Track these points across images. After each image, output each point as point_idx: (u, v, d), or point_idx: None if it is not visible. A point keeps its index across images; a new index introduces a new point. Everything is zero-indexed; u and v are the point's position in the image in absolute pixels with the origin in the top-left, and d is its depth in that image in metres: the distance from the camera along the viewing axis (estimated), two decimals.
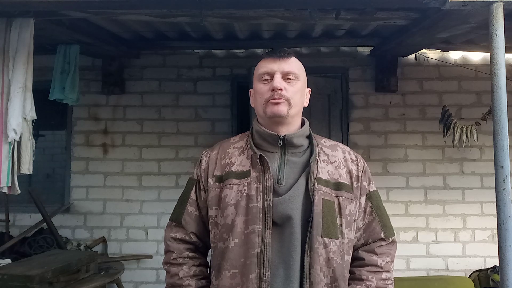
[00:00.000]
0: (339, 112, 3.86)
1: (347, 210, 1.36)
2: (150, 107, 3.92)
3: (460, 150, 3.54)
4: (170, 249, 1.45)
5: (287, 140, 1.38)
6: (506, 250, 1.85)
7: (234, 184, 1.36)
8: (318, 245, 1.29)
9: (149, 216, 3.85)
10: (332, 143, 1.49)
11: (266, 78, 1.39)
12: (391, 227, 1.47)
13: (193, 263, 1.43)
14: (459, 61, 3.87)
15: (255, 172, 1.35)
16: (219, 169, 1.42)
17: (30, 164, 2.49)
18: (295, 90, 1.38)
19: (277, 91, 1.35)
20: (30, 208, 3.73)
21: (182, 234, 1.45)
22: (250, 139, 1.43)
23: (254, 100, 1.45)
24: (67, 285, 2.71)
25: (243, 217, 1.32)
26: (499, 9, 1.98)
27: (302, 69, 1.45)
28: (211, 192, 1.40)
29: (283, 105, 1.35)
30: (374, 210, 1.44)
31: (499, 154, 1.90)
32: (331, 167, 1.40)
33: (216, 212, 1.38)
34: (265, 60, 1.42)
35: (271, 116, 1.36)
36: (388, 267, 1.42)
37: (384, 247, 1.43)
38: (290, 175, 1.36)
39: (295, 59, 1.44)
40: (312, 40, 3.64)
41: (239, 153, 1.43)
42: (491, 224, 3.66)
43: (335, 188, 1.36)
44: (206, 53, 3.94)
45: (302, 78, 1.43)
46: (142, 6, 2.38)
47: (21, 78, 2.43)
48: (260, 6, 2.44)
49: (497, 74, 1.92)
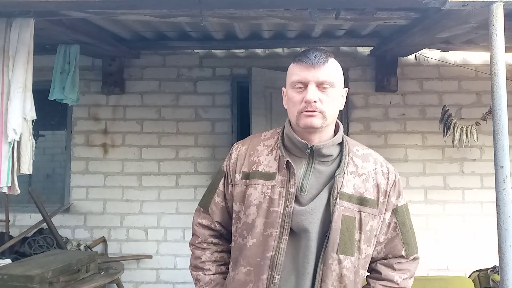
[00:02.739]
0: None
1: (368, 226, 1.33)
2: (150, 107, 3.92)
3: (460, 150, 3.54)
4: (196, 233, 1.50)
5: (315, 149, 1.34)
6: (506, 250, 1.84)
7: (259, 184, 1.36)
8: (332, 261, 1.29)
9: (149, 216, 3.85)
10: (364, 152, 1.43)
11: (300, 86, 1.32)
12: (414, 245, 1.42)
13: (216, 249, 1.48)
14: (459, 61, 3.87)
15: (280, 176, 1.35)
16: (246, 165, 1.42)
17: (30, 164, 2.48)
18: (330, 100, 1.32)
19: (311, 104, 1.29)
20: (30, 208, 3.73)
21: (208, 221, 1.49)
22: (281, 139, 1.41)
23: (287, 104, 1.39)
24: (67, 285, 2.71)
25: (263, 219, 1.33)
26: (499, 9, 1.98)
27: (338, 73, 1.37)
28: (237, 188, 1.41)
29: (317, 118, 1.30)
30: (399, 226, 1.39)
31: (499, 154, 1.90)
32: (358, 180, 1.35)
33: (239, 208, 1.40)
34: (299, 66, 1.32)
35: (304, 128, 1.33)
36: (405, 283, 1.40)
37: (405, 264, 1.41)
38: (314, 185, 1.34)
39: (331, 63, 1.33)
40: (312, 40, 3.64)
41: (267, 152, 1.41)
42: (491, 224, 3.65)
43: (358, 203, 1.33)
44: (206, 53, 3.94)
45: (338, 84, 1.35)
46: (142, 6, 2.37)
47: (21, 78, 2.42)
48: (260, 6, 2.43)
49: (497, 74, 1.92)
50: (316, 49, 1.34)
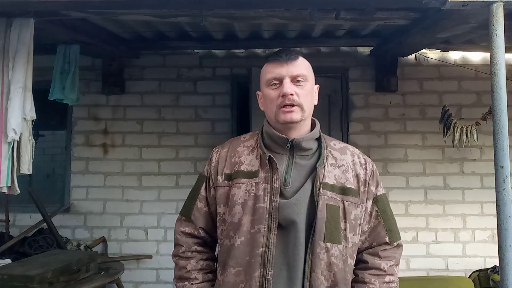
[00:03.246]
0: (339, 112, 3.86)
1: (352, 215, 1.36)
2: (150, 107, 3.92)
3: (460, 150, 3.54)
4: (180, 243, 1.48)
5: (295, 143, 1.38)
6: (506, 250, 1.85)
7: (243, 183, 1.37)
8: (320, 250, 1.30)
9: (149, 216, 3.85)
10: (341, 146, 1.48)
11: (275, 83, 1.37)
12: (396, 231, 1.47)
13: (201, 257, 1.46)
14: (459, 61, 3.87)
15: (263, 173, 1.36)
16: (228, 167, 1.43)
17: (30, 164, 2.48)
18: (305, 93, 1.37)
19: (288, 97, 1.33)
20: (30, 208, 3.72)
21: (191, 229, 1.47)
22: (260, 139, 1.44)
23: (263, 105, 1.44)
24: (67, 285, 2.71)
25: (250, 217, 1.34)
26: (499, 9, 1.98)
27: (310, 68, 1.44)
28: (220, 190, 1.42)
29: (296, 112, 1.35)
30: (380, 214, 1.43)
31: (499, 154, 1.90)
32: (338, 171, 1.39)
33: (224, 210, 1.40)
34: (272, 64, 1.39)
35: (284, 123, 1.36)
36: (392, 270, 1.43)
37: (389, 251, 1.44)
38: (296, 178, 1.37)
39: (302, 59, 1.42)
40: (312, 40, 3.64)
41: (248, 152, 1.43)
42: (491, 224, 3.66)
43: (340, 193, 1.36)
44: (206, 53, 3.94)
45: (310, 78, 1.42)
46: (142, 6, 2.38)
47: (21, 78, 2.43)
48: (260, 6, 2.43)
49: (497, 74, 1.92)
50: (285, 49, 1.42)
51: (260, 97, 1.46)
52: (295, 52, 1.41)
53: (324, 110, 3.76)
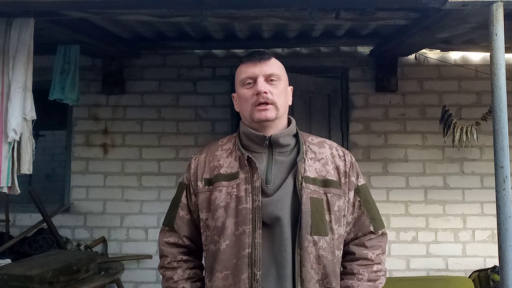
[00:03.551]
0: (339, 112, 3.86)
1: (335, 206, 1.37)
2: (150, 107, 3.92)
3: (460, 150, 3.54)
4: (164, 254, 1.49)
5: (273, 140, 1.39)
6: (506, 250, 1.85)
7: (223, 186, 1.37)
8: (308, 243, 1.31)
9: (149, 216, 3.85)
10: (319, 140, 1.50)
11: (249, 82, 1.40)
12: (380, 220, 1.48)
13: (187, 266, 1.45)
14: (459, 61, 3.87)
15: (243, 174, 1.36)
16: (208, 172, 1.43)
17: (30, 164, 2.48)
18: (279, 92, 1.40)
19: (262, 95, 1.36)
20: (30, 208, 3.73)
21: (175, 238, 1.47)
22: (238, 140, 1.44)
23: (239, 105, 1.47)
24: (67, 285, 2.71)
25: (233, 219, 1.33)
26: (499, 9, 1.98)
27: (283, 69, 1.46)
28: (201, 195, 1.41)
29: (271, 110, 1.37)
30: (363, 204, 1.45)
31: (499, 154, 1.90)
32: (319, 164, 1.41)
33: (206, 215, 1.39)
34: (246, 64, 1.42)
35: (259, 121, 1.38)
36: (379, 259, 1.44)
37: (374, 240, 1.45)
38: (277, 175, 1.37)
39: (275, 60, 1.44)
40: (312, 40, 3.64)
41: (227, 155, 1.44)
42: (491, 224, 3.66)
43: (323, 185, 1.37)
44: (206, 53, 3.94)
45: (284, 78, 1.44)
46: (142, 6, 2.38)
47: (21, 78, 2.42)
48: (260, 6, 2.44)
49: (497, 74, 1.92)
50: (258, 50, 1.46)
51: (235, 98, 1.49)
52: (268, 52, 1.45)
53: (324, 110, 3.76)
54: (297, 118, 3.63)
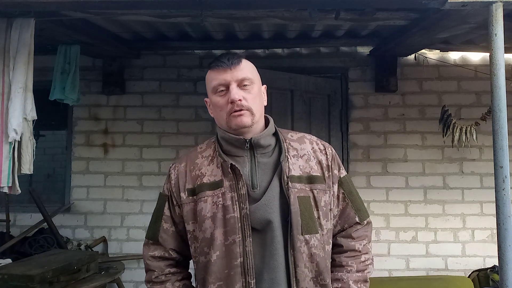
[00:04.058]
0: (338, 112, 3.86)
1: (322, 202, 1.37)
2: (151, 107, 3.92)
3: (459, 150, 3.54)
4: (151, 268, 1.43)
5: (254, 142, 1.36)
6: (506, 250, 1.85)
7: (208, 196, 1.34)
8: (300, 243, 1.30)
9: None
10: (299, 136, 1.48)
11: (221, 89, 1.35)
12: (365, 210, 1.49)
13: (176, 279, 1.43)
14: (458, 61, 3.87)
15: (227, 181, 1.33)
16: (190, 182, 1.39)
17: (30, 164, 2.49)
18: (253, 97, 1.36)
19: (236, 103, 1.31)
20: (30, 208, 3.73)
21: (161, 252, 1.43)
22: (218, 146, 1.41)
23: (213, 112, 1.42)
24: (67, 284, 2.71)
25: (222, 229, 1.31)
26: (499, 9, 1.99)
27: (254, 70, 1.42)
28: (186, 207, 1.38)
29: (246, 116, 1.33)
30: (347, 195, 1.45)
31: (498, 154, 1.91)
32: (302, 161, 1.39)
33: (193, 227, 1.36)
34: (216, 70, 1.35)
35: (236, 128, 1.35)
36: (366, 249, 1.45)
37: (360, 230, 1.46)
38: (263, 177, 1.35)
39: (245, 62, 1.39)
40: (312, 40, 3.64)
41: (208, 162, 1.40)
42: (490, 224, 3.66)
43: (308, 182, 1.37)
44: (206, 53, 3.95)
45: (256, 80, 1.40)
46: (143, 6, 2.38)
47: (21, 78, 2.43)
48: (260, 6, 2.44)
49: (496, 74, 1.93)
50: (227, 53, 1.39)
51: (208, 104, 1.44)
52: (237, 55, 1.39)
53: (324, 110, 3.76)
54: (297, 118, 3.65)
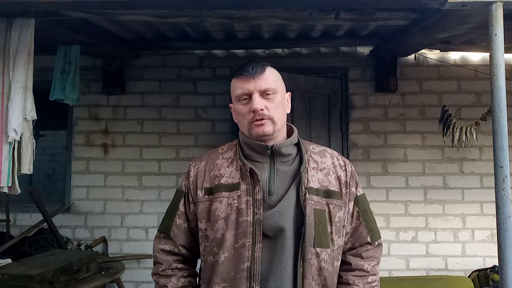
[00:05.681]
0: (338, 112, 3.86)
1: (336, 217, 1.37)
2: (151, 107, 3.92)
3: (459, 150, 3.55)
4: (159, 261, 1.45)
5: (275, 150, 1.37)
6: (506, 250, 1.85)
7: (224, 197, 1.35)
8: (311, 256, 1.30)
9: (149, 216, 3.85)
10: (320, 149, 1.48)
11: (245, 98, 1.38)
12: (377, 231, 1.48)
13: (182, 274, 1.44)
14: (458, 61, 3.87)
15: (244, 185, 1.34)
16: (208, 181, 1.40)
17: (30, 164, 2.49)
18: (275, 106, 1.37)
19: (258, 112, 1.34)
20: (30, 208, 3.73)
21: (170, 246, 1.45)
22: (239, 149, 1.42)
23: (236, 118, 1.44)
24: (67, 284, 2.71)
25: (233, 231, 1.31)
26: (499, 9, 1.99)
27: (278, 79, 1.43)
28: (201, 205, 1.39)
29: (267, 125, 1.35)
30: (361, 214, 1.44)
31: (498, 154, 1.91)
32: (321, 174, 1.39)
33: (206, 225, 1.37)
34: (240, 79, 1.39)
35: (257, 137, 1.36)
36: (374, 270, 1.45)
37: (371, 251, 1.46)
38: (280, 185, 1.36)
39: (269, 70, 1.40)
40: (312, 40, 3.64)
41: (228, 164, 1.41)
42: (490, 224, 3.67)
43: (325, 196, 1.36)
44: (206, 53, 3.95)
45: (280, 89, 1.41)
46: (143, 6, 2.38)
47: (21, 78, 2.43)
48: (260, 6, 2.44)
49: (496, 74, 1.93)
50: (252, 61, 1.41)
51: (233, 110, 1.47)
52: (261, 64, 1.40)
53: (324, 110, 3.76)
54: (297, 118, 3.66)
